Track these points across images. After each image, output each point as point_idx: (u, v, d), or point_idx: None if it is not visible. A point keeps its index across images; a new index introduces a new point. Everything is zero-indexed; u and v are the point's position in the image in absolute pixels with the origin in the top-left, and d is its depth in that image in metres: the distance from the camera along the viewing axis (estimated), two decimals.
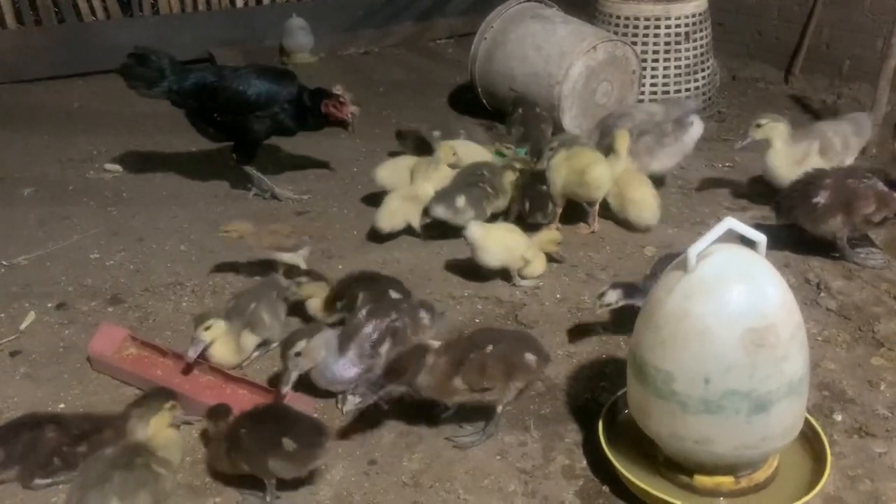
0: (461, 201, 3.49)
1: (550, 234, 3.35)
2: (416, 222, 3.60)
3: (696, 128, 3.87)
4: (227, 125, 4.07)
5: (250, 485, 2.25)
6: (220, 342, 2.70)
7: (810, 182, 3.31)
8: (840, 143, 3.72)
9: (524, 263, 3.22)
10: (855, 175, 3.30)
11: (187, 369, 2.71)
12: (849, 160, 3.75)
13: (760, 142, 3.68)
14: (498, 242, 3.17)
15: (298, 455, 2.17)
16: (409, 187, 3.68)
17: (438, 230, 3.61)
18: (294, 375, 2.44)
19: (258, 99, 3.98)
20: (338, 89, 4.30)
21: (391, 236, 3.62)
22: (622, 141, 3.63)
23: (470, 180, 3.62)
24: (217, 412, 2.34)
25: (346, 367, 2.54)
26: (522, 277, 3.25)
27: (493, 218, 3.68)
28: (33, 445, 2.28)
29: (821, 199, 3.22)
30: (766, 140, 3.65)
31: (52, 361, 2.85)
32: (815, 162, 3.59)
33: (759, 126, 3.62)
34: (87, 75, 6.13)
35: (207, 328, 2.64)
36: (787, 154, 3.62)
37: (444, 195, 3.54)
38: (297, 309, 3.00)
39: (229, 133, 4.12)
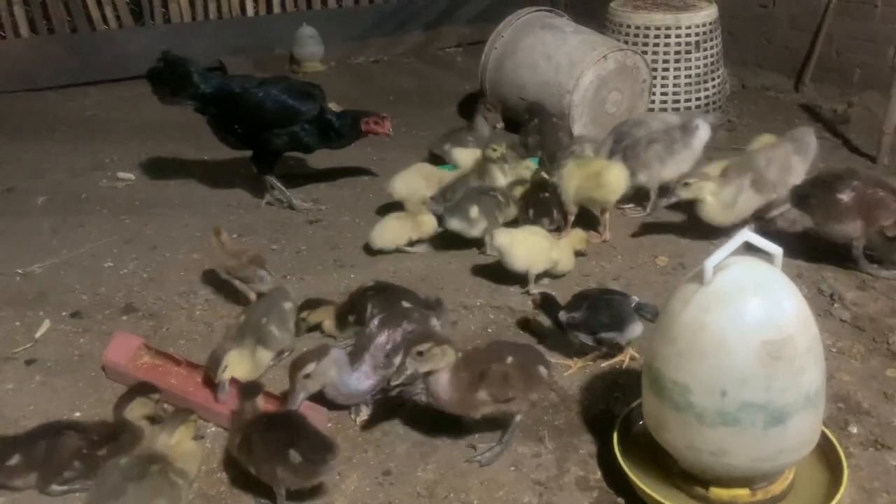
0: (475, 212, 3.51)
1: (579, 234, 3.41)
2: (404, 243, 3.61)
3: (703, 132, 3.89)
4: (246, 137, 4.10)
5: (265, 493, 2.26)
6: (240, 365, 2.71)
7: (840, 177, 3.26)
8: (775, 172, 3.50)
9: (552, 265, 3.27)
10: (884, 185, 3.26)
11: (202, 378, 2.71)
12: (793, 182, 3.49)
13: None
14: (524, 247, 3.22)
15: (302, 469, 2.18)
16: (409, 214, 3.67)
17: (448, 241, 3.61)
18: (302, 396, 2.40)
19: (277, 117, 4.00)
20: (334, 106, 4.33)
21: None
22: None
23: (482, 189, 3.63)
24: (249, 390, 2.40)
25: (361, 380, 2.55)
26: (553, 277, 3.30)
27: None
28: (52, 451, 2.29)
29: (845, 196, 3.17)
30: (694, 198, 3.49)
31: (67, 370, 2.87)
32: (750, 197, 3.46)
33: (686, 185, 3.45)
34: (100, 84, 6.18)
35: (224, 369, 2.61)
36: (719, 203, 3.47)
37: (457, 207, 3.55)
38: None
39: (248, 144, 4.14)
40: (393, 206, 3.84)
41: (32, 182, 4.53)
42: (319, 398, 2.50)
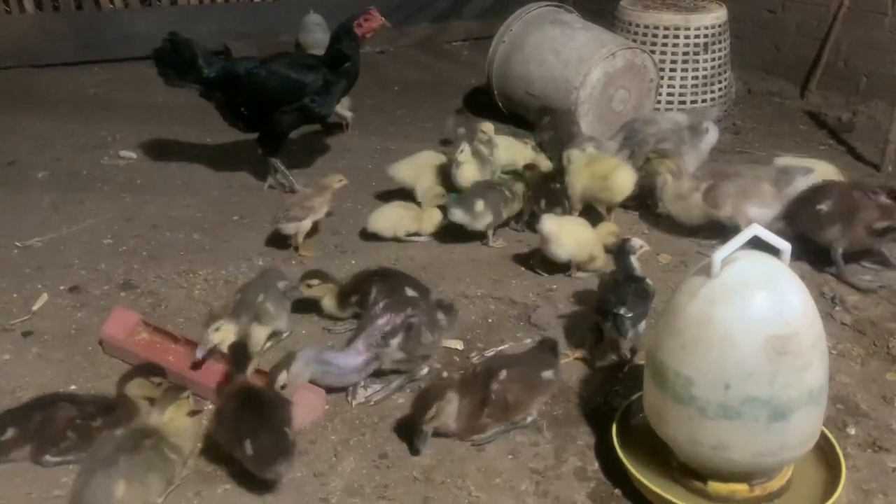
0: (480, 205, 3.48)
1: (608, 227, 3.43)
2: (402, 233, 3.59)
3: (712, 134, 3.95)
4: (255, 118, 4.07)
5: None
6: (231, 339, 2.69)
7: (817, 190, 3.37)
8: (732, 190, 3.45)
9: (591, 259, 3.28)
10: (861, 188, 3.34)
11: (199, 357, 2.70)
12: (751, 210, 3.42)
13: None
14: (570, 235, 3.23)
15: (252, 462, 2.16)
16: (413, 206, 3.66)
17: (451, 232, 3.60)
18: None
19: (284, 94, 3.98)
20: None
21: None
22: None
23: (489, 184, 3.62)
24: (238, 358, 2.39)
25: (351, 356, 2.55)
26: (584, 271, 3.31)
27: (507, 222, 3.69)
28: (46, 422, 2.28)
29: (824, 206, 3.26)
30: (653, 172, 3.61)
31: (64, 343, 2.85)
32: (697, 201, 3.50)
33: (648, 159, 3.62)
34: (104, 62, 6.15)
35: (217, 329, 2.61)
36: (675, 187, 3.55)
37: (462, 199, 3.52)
38: (312, 305, 3.00)
39: (257, 125, 4.11)
40: (395, 194, 3.83)
41: (34, 157, 4.51)
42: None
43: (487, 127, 3.96)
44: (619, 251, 2.87)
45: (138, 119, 5.11)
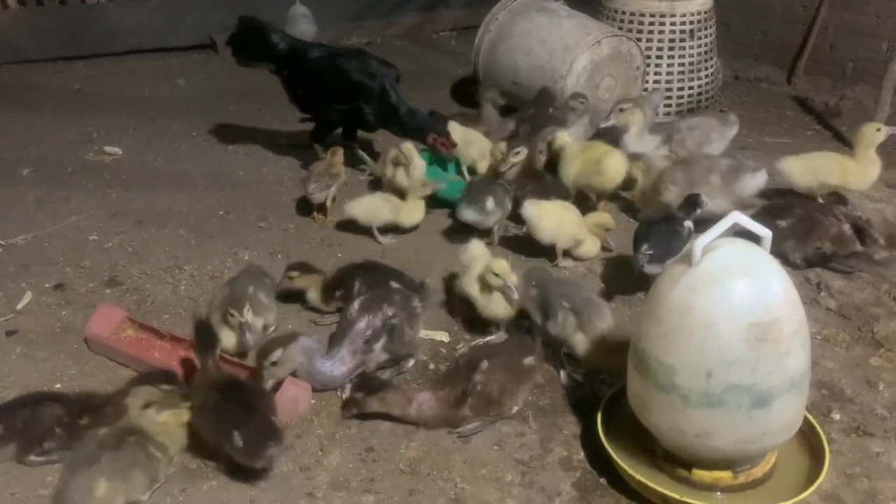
0: (490, 203, 3.40)
1: (600, 217, 3.37)
2: (379, 223, 3.51)
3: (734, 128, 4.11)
4: (306, 103, 4.15)
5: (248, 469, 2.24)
6: (226, 330, 2.69)
7: (781, 207, 3.39)
8: (677, 181, 3.44)
9: (575, 243, 3.27)
10: (829, 212, 3.31)
11: (184, 351, 2.69)
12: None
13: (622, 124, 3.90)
14: (551, 219, 3.23)
15: (242, 452, 2.16)
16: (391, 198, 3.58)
17: (438, 223, 3.59)
18: (270, 383, 2.42)
19: (336, 92, 4.01)
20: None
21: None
22: None
23: (490, 181, 3.61)
24: (207, 345, 2.38)
25: (336, 366, 2.54)
26: (575, 258, 3.31)
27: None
28: (31, 421, 2.27)
29: (784, 223, 3.22)
30: (625, 124, 3.87)
31: (49, 341, 2.84)
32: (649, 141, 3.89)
33: (621, 110, 3.87)
34: (88, 58, 6.08)
35: (248, 309, 2.70)
36: (641, 141, 3.84)
37: (472, 199, 3.42)
38: (297, 297, 3.00)
39: (308, 110, 4.17)
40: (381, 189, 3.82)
41: (18, 154, 4.47)
42: None
43: (407, 149, 3.68)
44: (690, 201, 3.05)
45: (123, 114, 5.07)
